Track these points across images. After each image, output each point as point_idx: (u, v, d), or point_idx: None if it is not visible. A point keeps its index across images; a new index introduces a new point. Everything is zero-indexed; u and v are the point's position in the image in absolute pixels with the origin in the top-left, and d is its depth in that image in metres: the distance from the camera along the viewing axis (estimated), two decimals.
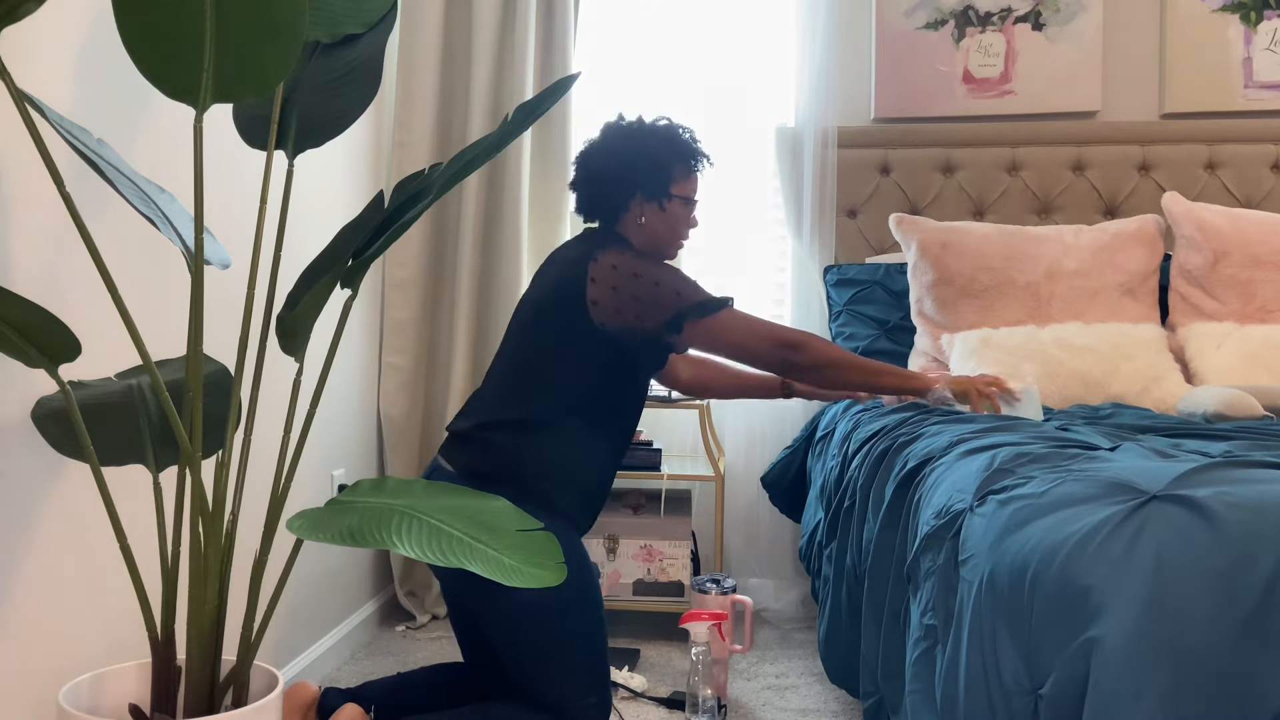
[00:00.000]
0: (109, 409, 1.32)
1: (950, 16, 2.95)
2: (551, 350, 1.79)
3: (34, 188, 1.34)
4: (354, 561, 2.56)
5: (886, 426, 1.86)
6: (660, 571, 2.66)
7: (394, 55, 2.83)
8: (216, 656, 1.27)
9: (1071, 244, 2.52)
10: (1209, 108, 2.86)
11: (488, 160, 1.34)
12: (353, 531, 1.15)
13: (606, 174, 1.87)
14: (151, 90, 1.61)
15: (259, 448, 1.97)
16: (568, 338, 1.78)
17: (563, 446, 1.79)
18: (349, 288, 1.36)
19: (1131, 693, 0.80)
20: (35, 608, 1.36)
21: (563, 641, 1.74)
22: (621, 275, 1.75)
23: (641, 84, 3.09)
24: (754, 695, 2.23)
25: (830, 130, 2.87)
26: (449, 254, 2.85)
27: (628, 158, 1.87)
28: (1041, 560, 0.95)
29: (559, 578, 1.14)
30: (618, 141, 1.89)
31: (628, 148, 1.87)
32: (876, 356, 2.65)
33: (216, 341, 1.82)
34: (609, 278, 1.75)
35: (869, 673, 1.59)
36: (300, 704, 1.75)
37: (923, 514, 1.34)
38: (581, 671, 1.75)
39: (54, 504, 1.39)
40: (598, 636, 1.78)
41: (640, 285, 1.75)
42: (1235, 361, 2.18)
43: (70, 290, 1.41)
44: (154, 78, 1.14)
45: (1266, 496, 0.88)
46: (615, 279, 1.75)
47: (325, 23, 1.41)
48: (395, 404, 2.74)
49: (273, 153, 1.35)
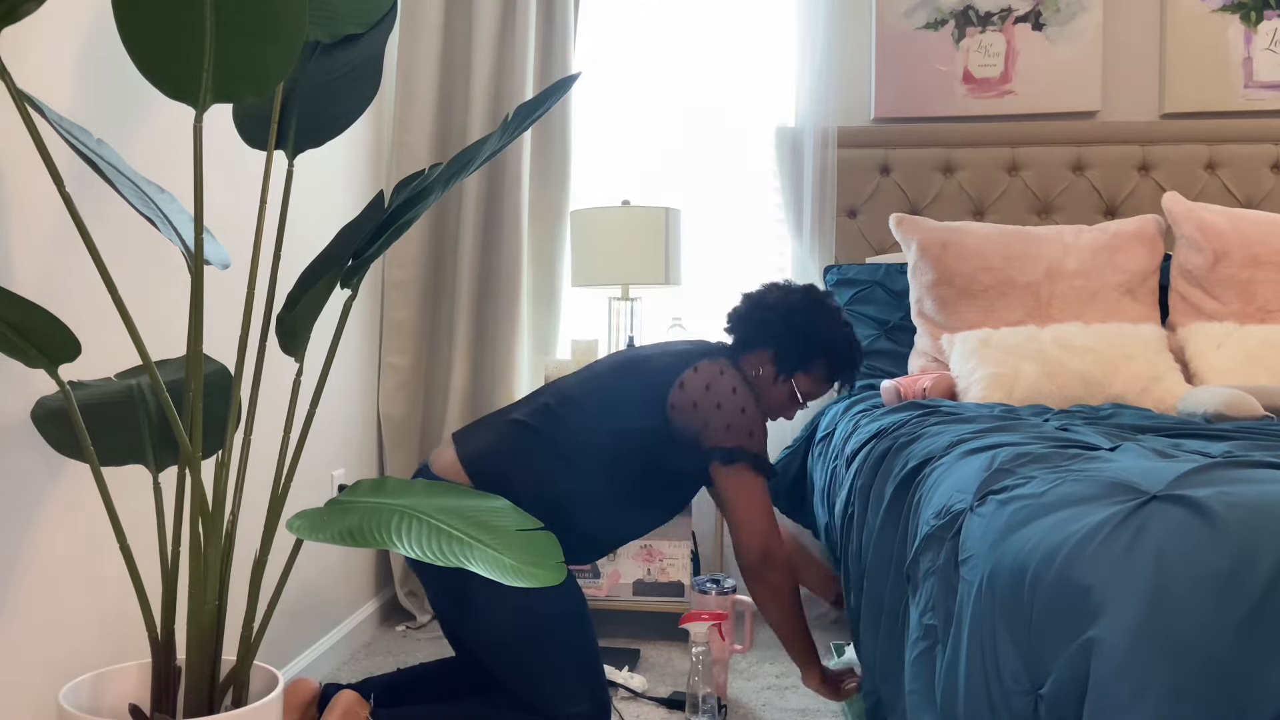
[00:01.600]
0: (109, 409, 1.32)
1: (950, 16, 2.95)
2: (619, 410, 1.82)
3: (34, 188, 1.34)
4: (354, 561, 2.56)
5: (886, 427, 1.86)
6: (660, 571, 2.66)
7: (394, 55, 2.83)
8: (216, 656, 1.27)
9: (1071, 244, 2.52)
10: (1209, 108, 2.86)
11: (488, 160, 1.34)
12: (353, 531, 1.15)
13: (773, 315, 1.93)
14: (151, 90, 1.61)
15: (259, 448, 1.97)
16: (642, 412, 1.82)
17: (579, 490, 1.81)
18: (349, 288, 1.36)
19: (1131, 692, 0.80)
20: (35, 608, 1.36)
21: (544, 659, 1.75)
22: (724, 381, 1.82)
23: (641, 84, 3.09)
24: (754, 695, 2.23)
25: (830, 130, 2.87)
26: (449, 254, 2.85)
27: (797, 321, 1.92)
28: (1041, 560, 0.95)
29: (559, 577, 1.14)
30: (806, 305, 1.93)
31: (807, 316, 1.92)
32: (876, 356, 2.65)
33: (216, 341, 1.82)
34: (711, 375, 1.82)
35: (868, 672, 1.59)
36: (300, 701, 1.75)
37: (922, 514, 1.34)
38: (569, 682, 1.77)
39: (54, 504, 1.39)
40: (582, 650, 1.79)
41: (731, 400, 1.81)
42: (1235, 361, 2.18)
43: (70, 290, 1.41)
44: (154, 78, 1.14)
45: (1267, 496, 0.88)
46: (715, 380, 1.82)
47: (325, 23, 1.41)
48: (395, 404, 2.74)
49: (273, 153, 1.35)
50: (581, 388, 1.87)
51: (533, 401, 1.89)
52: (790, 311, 1.92)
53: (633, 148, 3.09)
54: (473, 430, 1.88)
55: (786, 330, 1.92)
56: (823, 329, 1.93)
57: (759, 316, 1.94)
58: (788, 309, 1.92)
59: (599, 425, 1.82)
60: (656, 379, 1.84)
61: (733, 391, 1.81)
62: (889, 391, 2.25)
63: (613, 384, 1.85)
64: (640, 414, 1.82)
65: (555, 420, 1.83)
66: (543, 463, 1.80)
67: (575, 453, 1.80)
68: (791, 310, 1.92)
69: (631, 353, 1.94)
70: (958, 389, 2.24)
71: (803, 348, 1.92)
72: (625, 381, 1.85)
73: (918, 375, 2.31)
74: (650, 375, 1.85)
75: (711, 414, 1.80)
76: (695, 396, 1.81)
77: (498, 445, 1.82)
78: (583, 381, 1.89)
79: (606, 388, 1.85)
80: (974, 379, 2.19)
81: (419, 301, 2.78)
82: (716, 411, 1.80)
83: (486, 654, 1.76)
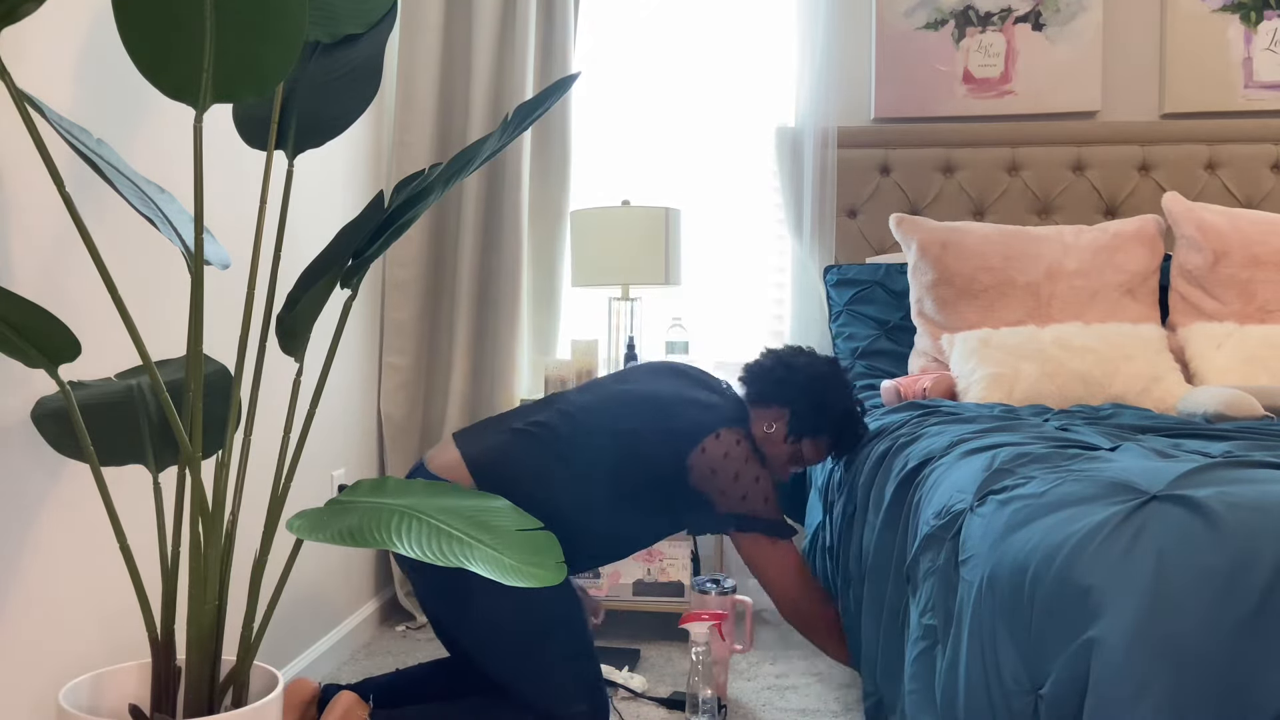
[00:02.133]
0: (109, 409, 1.32)
1: (950, 16, 2.95)
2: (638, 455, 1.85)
3: (34, 188, 1.34)
4: (354, 561, 2.56)
5: (886, 427, 1.86)
6: (660, 571, 2.66)
7: (394, 55, 2.83)
8: (216, 657, 1.27)
9: (1071, 244, 2.52)
10: (1209, 108, 2.86)
11: (487, 160, 1.34)
12: (353, 531, 1.15)
13: (797, 377, 1.96)
14: (151, 90, 1.61)
15: (259, 448, 1.97)
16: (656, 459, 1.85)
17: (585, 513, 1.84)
18: (349, 288, 1.36)
19: (1131, 693, 0.80)
20: (35, 608, 1.36)
21: (541, 657, 1.75)
22: (740, 450, 1.86)
23: (641, 84, 3.09)
24: (754, 695, 2.23)
25: (830, 130, 2.87)
26: (449, 254, 2.85)
27: (818, 389, 1.95)
28: (1041, 560, 0.95)
29: (559, 577, 1.14)
30: (828, 375, 1.98)
31: (827, 386, 1.96)
32: (876, 356, 2.65)
33: (216, 341, 1.82)
34: (729, 444, 1.86)
35: (869, 672, 1.59)
36: (300, 700, 1.75)
37: (923, 514, 1.34)
38: (566, 682, 1.77)
39: (54, 504, 1.39)
40: (579, 649, 1.79)
41: (745, 470, 1.86)
42: (1235, 362, 2.18)
43: (70, 290, 1.41)
44: (154, 78, 1.14)
45: (1267, 496, 0.88)
46: (733, 449, 1.86)
47: (325, 23, 1.41)
48: (395, 404, 2.74)
49: (273, 153, 1.35)
50: (603, 413, 1.88)
51: (545, 411, 1.89)
52: (813, 379, 1.96)
53: (633, 148, 3.09)
54: (479, 432, 1.88)
55: (806, 396, 1.95)
56: (840, 403, 1.96)
57: (781, 375, 1.97)
58: (810, 376, 1.96)
59: (615, 453, 1.84)
60: (680, 431, 1.87)
61: (746, 461, 1.86)
62: (889, 391, 2.25)
63: (633, 420, 1.87)
64: (657, 458, 1.85)
65: (569, 437, 1.84)
66: (549, 472, 1.81)
67: (586, 472, 1.82)
68: (814, 378, 1.96)
69: (653, 386, 1.95)
70: (958, 389, 2.24)
71: (816, 417, 1.95)
72: (647, 421, 1.87)
73: (918, 375, 2.31)
74: (673, 425, 1.87)
75: (728, 484, 1.85)
76: (714, 464, 1.85)
77: (506, 449, 1.82)
78: (603, 403, 1.90)
79: (626, 420, 1.87)
80: (974, 379, 2.19)
81: (419, 301, 2.78)
82: (734, 482, 1.85)
83: (483, 654, 1.76)
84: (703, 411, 1.90)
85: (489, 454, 1.82)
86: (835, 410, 1.95)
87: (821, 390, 1.95)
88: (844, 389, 1.97)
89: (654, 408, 1.89)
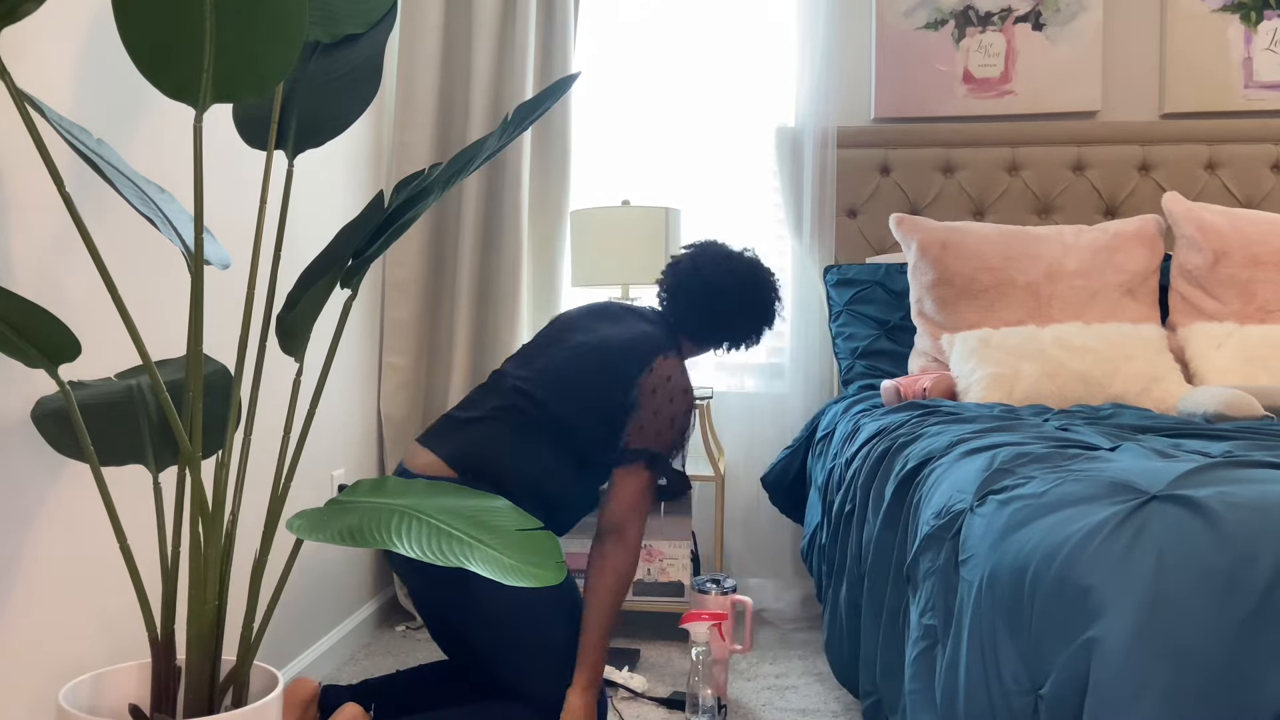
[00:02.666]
0: (109, 409, 1.32)
1: (950, 16, 2.95)
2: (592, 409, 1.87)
3: (34, 188, 1.34)
4: (354, 561, 2.56)
5: (886, 427, 1.86)
6: (660, 571, 2.66)
7: (394, 55, 2.83)
8: (216, 657, 1.27)
9: (1071, 244, 2.52)
10: (1209, 108, 2.86)
11: (488, 160, 1.34)
12: (353, 531, 1.15)
13: (730, 321, 2.03)
14: (151, 90, 1.61)
15: (259, 448, 1.97)
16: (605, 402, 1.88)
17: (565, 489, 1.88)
18: (349, 288, 1.36)
19: (1131, 693, 0.80)
20: (35, 608, 1.36)
21: (547, 646, 1.76)
22: (671, 387, 1.89)
23: (641, 84, 3.09)
24: (754, 695, 2.23)
25: (830, 130, 2.87)
26: (449, 254, 2.85)
27: (751, 320, 2.05)
28: (1041, 560, 0.95)
29: (559, 577, 1.14)
30: (752, 294, 2.04)
31: (754, 310, 2.04)
32: (876, 356, 2.65)
33: (216, 341, 1.82)
34: (660, 378, 1.89)
35: (868, 672, 1.59)
36: (300, 700, 1.75)
37: (923, 514, 1.34)
38: (566, 675, 1.77)
39: (54, 504, 1.39)
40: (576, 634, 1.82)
41: (674, 406, 1.89)
42: (1235, 361, 2.18)
43: (70, 290, 1.41)
44: (154, 78, 1.14)
45: (1267, 496, 0.88)
46: (662, 385, 1.89)
47: (325, 23, 1.41)
48: (395, 404, 2.74)
49: (273, 153, 1.35)
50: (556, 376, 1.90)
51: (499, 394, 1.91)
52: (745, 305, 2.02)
53: (633, 148, 3.09)
54: (443, 432, 1.88)
55: (746, 319, 2.03)
56: (767, 309, 2.05)
57: (709, 307, 2.01)
58: (743, 300, 2.01)
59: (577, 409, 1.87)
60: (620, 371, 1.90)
61: (670, 401, 1.89)
62: (889, 391, 2.25)
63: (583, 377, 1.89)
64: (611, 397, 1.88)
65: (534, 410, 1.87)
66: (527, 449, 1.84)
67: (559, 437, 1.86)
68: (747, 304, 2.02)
69: (588, 336, 1.96)
70: (958, 389, 2.24)
71: (751, 331, 2.06)
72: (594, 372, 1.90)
73: (918, 375, 2.31)
74: (619, 364, 1.90)
75: (652, 417, 1.88)
76: (656, 384, 1.88)
77: (482, 440, 1.84)
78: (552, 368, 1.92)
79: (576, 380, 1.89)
80: (974, 379, 2.19)
81: (419, 301, 2.78)
82: (655, 417, 1.88)
83: (484, 646, 1.76)
84: (632, 346, 1.92)
85: (467, 448, 1.83)
86: (762, 320, 2.05)
87: (760, 315, 2.03)
88: (766, 302, 2.04)
89: (598, 355, 1.91)
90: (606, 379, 1.88)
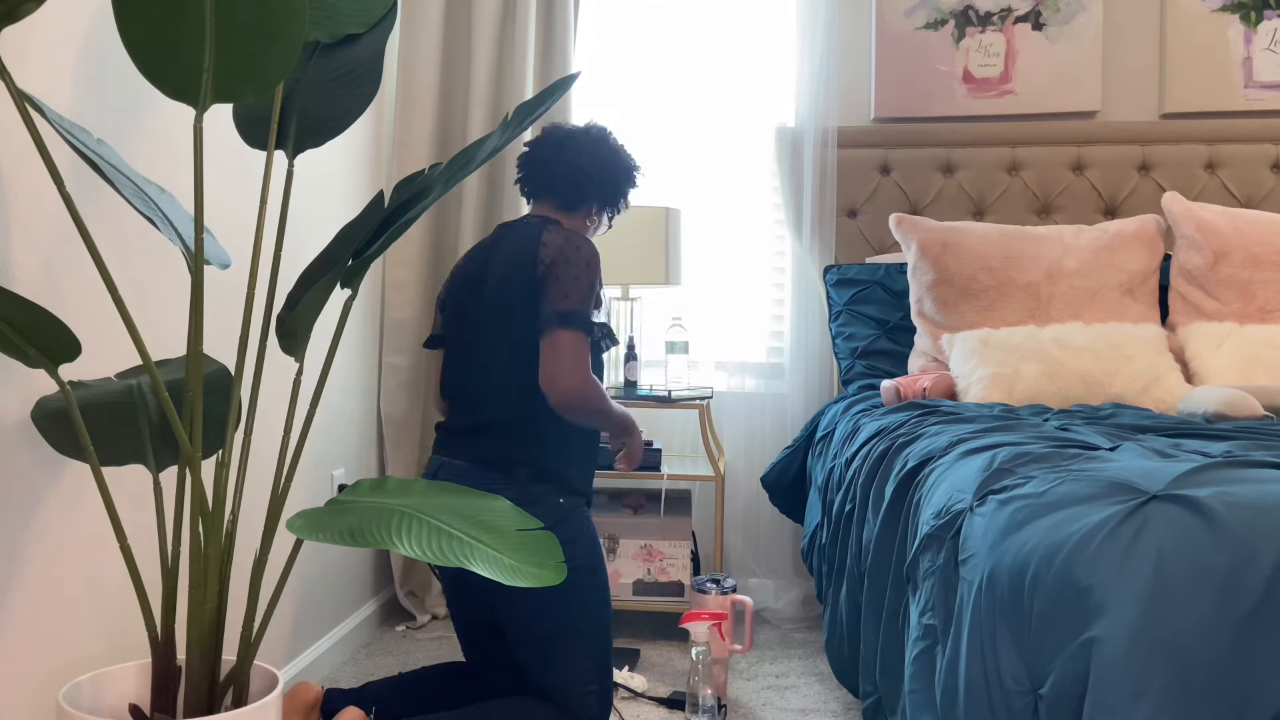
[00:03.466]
0: (109, 409, 1.32)
1: (950, 16, 2.95)
2: (528, 340, 1.84)
3: (34, 188, 1.34)
4: (354, 561, 2.56)
5: (886, 427, 1.86)
6: (660, 571, 2.66)
7: (394, 55, 2.83)
8: (216, 656, 1.27)
9: (1071, 244, 2.52)
10: (1209, 108, 2.86)
11: (488, 159, 1.34)
12: (353, 531, 1.15)
13: (588, 174, 1.99)
14: (151, 90, 1.61)
15: (259, 448, 1.97)
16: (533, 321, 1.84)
17: (566, 427, 1.87)
18: (349, 288, 1.36)
19: (1131, 693, 0.80)
20: (35, 608, 1.36)
21: (575, 623, 1.79)
22: (573, 243, 1.86)
23: (641, 84, 3.09)
24: (754, 695, 2.23)
25: (830, 130, 2.87)
26: (449, 254, 2.85)
27: (610, 170, 2.02)
28: (1041, 560, 0.95)
29: (559, 577, 1.14)
30: (605, 152, 2.02)
31: (610, 161, 2.02)
32: (876, 356, 2.65)
33: (216, 341, 1.82)
34: (560, 242, 1.86)
35: (868, 672, 1.59)
36: (303, 704, 1.75)
37: (923, 514, 1.34)
38: (588, 657, 1.81)
39: (54, 504, 1.39)
40: (606, 620, 1.85)
41: (577, 259, 1.85)
42: (1235, 361, 2.18)
43: (70, 290, 1.41)
44: (154, 78, 1.14)
45: (1266, 496, 0.88)
46: (566, 244, 1.86)
47: (325, 23, 1.41)
48: (395, 404, 2.74)
49: (273, 153, 1.35)
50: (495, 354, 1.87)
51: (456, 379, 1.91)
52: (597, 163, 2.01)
53: (633, 147, 3.09)
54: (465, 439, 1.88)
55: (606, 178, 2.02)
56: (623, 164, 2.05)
57: (576, 177, 2.00)
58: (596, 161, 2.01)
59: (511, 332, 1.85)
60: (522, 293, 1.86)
61: (567, 260, 1.84)
62: (889, 391, 2.25)
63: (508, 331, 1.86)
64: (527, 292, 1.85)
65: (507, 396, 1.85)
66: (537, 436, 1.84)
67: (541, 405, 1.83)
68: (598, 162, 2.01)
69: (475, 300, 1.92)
70: (958, 389, 2.24)
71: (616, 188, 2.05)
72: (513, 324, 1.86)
73: (918, 375, 2.31)
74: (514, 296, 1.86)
75: (557, 282, 1.83)
76: (552, 255, 1.84)
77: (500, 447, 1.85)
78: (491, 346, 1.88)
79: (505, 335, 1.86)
80: (974, 379, 2.19)
81: (419, 301, 2.78)
82: (560, 281, 1.83)
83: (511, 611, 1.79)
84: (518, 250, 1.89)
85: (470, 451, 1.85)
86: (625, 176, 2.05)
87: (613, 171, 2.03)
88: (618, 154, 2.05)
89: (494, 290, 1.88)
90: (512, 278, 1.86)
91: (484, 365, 1.87)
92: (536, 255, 1.85)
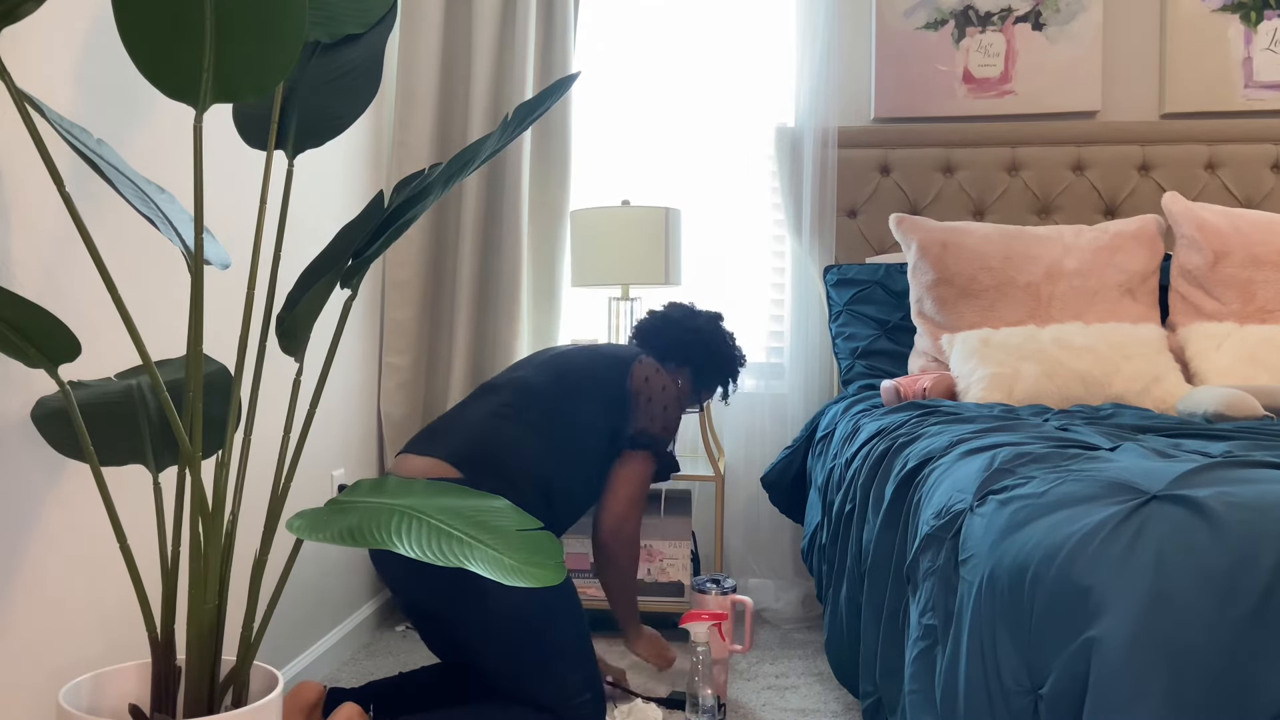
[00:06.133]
0: (109, 409, 1.32)
1: (950, 16, 2.95)
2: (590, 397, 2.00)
3: (34, 188, 1.34)
4: (354, 562, 2.56)
5: (886, 427, 1.86)
6: (660, 571, 2.66)
7: (394, 55, 2.83)
8: (216, 657, 1.27)
9: (1071, 244, 2.52)
10: (1209, 108, 2.86)
11: (487, 160, 1.34)
12: (353, 531, 1.15)
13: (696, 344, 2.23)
14: (151, 90, 1.61)
15: (259, 448, 1.97)
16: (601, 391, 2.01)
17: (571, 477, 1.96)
18: (349, 288, 1.36)
19: (1131, 693, 0.80)
20: (35, 608, 1.36)
21: (548, 648, 1.76)
22: (659, 378, 2.06)
23: (641, 84, 3.09)
24: (754, 695, 2.23)
25: (830, 130, 2.87)
26: (449, 254, 2.85)
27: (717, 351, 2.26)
28: (1041, 560, 0.95)
29: (559, 577, 1.14)
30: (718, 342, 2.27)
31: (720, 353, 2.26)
32: (876, 356, 2.65)
33: (216, 341, 1.82)
34: (650, 369, 2.07)
35: (868, 672, 1.59)
36: (305, 704, 1.75)
37: (923, 514, 1.34)
38: (573, 671, 1.78)
39: (54, 504, 1.39)
40: (582, 635, 1.83)
41: (663, 396, 2.05)
42: (1235, 361, 2.18)
43: (70, 290, 1.41)
44: (154, 78, 1.14)
45: (1266, 496, 0.88)
46: (653, 375, 2.06)
47: (325, 23, 1.41)
48: (395, 404, 2.74)
49: (273, 153, 1.35)
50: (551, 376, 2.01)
51: (498, 394, 1.97)
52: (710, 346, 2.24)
53: (633, 148, 3.09)
54: (439, 435, 1.89)
55: (706, 357, 2.24)
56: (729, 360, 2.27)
57: (676, 336, 2.23)
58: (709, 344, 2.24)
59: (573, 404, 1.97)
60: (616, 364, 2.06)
61: (663, 389, 2.06)
62: (889, 391, 2.25)
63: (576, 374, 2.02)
64: (605, 390, 2.02)
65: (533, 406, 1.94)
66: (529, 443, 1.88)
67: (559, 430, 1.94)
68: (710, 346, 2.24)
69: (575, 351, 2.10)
70: (958, 389, 2.24)
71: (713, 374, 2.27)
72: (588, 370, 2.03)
73: (918, 375, 2.31)
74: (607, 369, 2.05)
75: (646, 404, 2.03)
76: (638, 385, 2.04)
77: (485, 437, 1.86)
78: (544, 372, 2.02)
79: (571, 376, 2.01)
80: (974, 379, 2.19)
81: (419, 301, 2.78)
82: (649, 404, 2.03)
83: (485, 650, 1.76)
84: (623, 350, 2.11)
85: (467, 445, 1.84)
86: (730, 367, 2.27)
87: (720, 357, 2.25)
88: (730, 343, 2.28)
89: (587, 357, 2.06)
90: (599, 369, 2.01)
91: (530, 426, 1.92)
92: (630, 369, 2.04)
